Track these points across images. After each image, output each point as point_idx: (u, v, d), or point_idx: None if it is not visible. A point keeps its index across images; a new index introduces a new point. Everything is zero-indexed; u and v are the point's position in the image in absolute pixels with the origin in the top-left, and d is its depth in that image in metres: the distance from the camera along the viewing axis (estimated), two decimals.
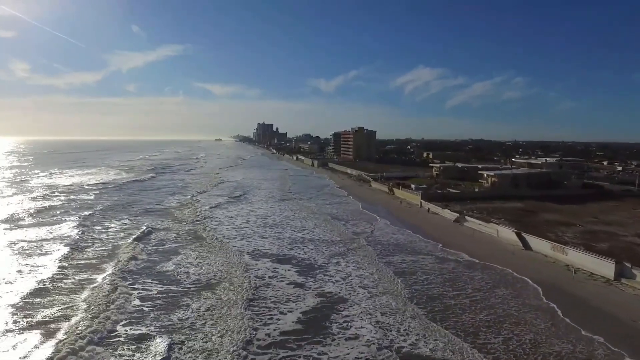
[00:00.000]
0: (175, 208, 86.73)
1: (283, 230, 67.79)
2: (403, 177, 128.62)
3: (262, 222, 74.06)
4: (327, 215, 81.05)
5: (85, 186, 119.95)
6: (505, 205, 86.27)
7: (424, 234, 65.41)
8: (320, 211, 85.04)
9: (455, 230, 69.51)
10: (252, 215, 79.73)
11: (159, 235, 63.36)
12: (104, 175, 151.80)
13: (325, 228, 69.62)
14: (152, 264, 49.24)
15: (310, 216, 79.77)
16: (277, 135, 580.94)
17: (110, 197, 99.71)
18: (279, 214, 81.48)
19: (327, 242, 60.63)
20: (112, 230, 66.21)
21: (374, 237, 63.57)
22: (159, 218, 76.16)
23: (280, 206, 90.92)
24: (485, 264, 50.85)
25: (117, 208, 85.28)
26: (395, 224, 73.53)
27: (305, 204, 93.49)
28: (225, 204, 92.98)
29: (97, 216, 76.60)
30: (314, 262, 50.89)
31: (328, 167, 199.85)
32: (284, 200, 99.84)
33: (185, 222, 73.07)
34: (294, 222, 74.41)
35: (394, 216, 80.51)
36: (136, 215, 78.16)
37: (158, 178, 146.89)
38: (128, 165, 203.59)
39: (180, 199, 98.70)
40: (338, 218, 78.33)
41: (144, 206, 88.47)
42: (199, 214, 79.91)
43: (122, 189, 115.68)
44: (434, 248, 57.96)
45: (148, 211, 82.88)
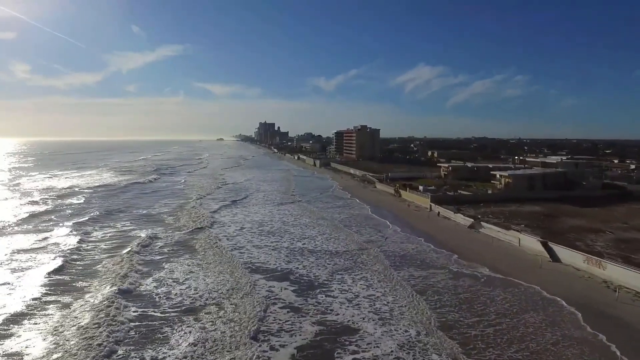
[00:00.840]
0: (173, 213, 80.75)
1: (281, 239, 61.52)
2: (409, 178, 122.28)
3: (258, 229, 67.92)
4: (330, 220, 74.85)
5: (83, 189, 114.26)
6: (522, 209, 79.91)
7: (436, 243, 59.09)
8: (323, 216, 78.82)
9: (471, 237, 63.16)
10: (248, 222, 73.52)
11: (155, 247, 57.24)
12: (103, 178, 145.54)
13: (329, 236, 63.39)
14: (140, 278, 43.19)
15: (312, 222, 73.53)
16: (278, 135, 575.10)
17: (105, 202, 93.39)
18: (278, 219, 75.29)
19: (331, 253, 54.42)
20: (107, 238, 60.23)
21: (382, 247, 57.33)
22: (158, 226, 70.02)
23: (280, 210, 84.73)
24: (507, 280, 44.48)
25: (110, 215, 78.69)
26: (404, 230, 67.27)
27: (307, 207, 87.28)
28: (226, 207, 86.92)
29: (90, 223, 70.47)
30: (315, 279, 44.66)
31: (330, 167, 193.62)
32: (284, 203, 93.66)
33: (184, 229, 67.02)
34: (294, 228, 68.20)
35: (402, 221, 74.21)
36: (133, 222, 72.13)
37: (159, 180, 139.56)
38: (128, 167, 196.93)
39: (180, 203, 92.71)
40: (342, 224, 72.10)
41: (142, 211, 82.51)
42: (199, 220, 73.86)
43: (122, 192, 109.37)
44: (447, 260, 51.59)
45: (145, 218, 76.71)
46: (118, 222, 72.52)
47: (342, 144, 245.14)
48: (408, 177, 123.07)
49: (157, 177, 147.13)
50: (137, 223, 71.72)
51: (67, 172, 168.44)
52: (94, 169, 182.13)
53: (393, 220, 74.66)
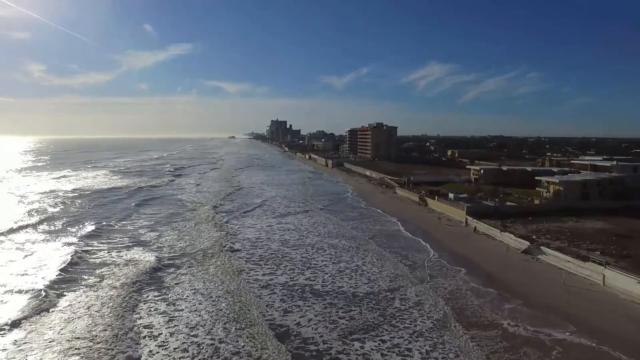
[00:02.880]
0: (186, 225, 67.15)
1: (277, 267, 47.19)
2: (434, 182, 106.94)
3: (256, 260, 53.59)
4: (347, 239, 60.20)
5: (85, 193, 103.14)
6: (583, 225, 64.27)
7: (488, 279, 44.10)
8: (336, 232, 64.25)
9: (531, 270, 47.88)
10: (239, 241, 59.31)
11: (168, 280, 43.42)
12: (110, 180, 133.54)
13: (346, 264, 48.80)
14: None
15: (321, 242, 59.01)
16: (290, 133, 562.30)
17: (104, 211, 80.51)
18: (277, 238, 60.91)
19: (346, 296, 39.78)
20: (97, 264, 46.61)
21: (418, 286, 42.52)
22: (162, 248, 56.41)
23: (283, 224, 70.35)
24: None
25: (100, 235, 65.10)
26: (441, 255, 52.36)
27: (317, 220, 72.80)
28: (233, 219, 73.06)
29: (79, 242, 57.38)
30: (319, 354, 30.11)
31: (344, 167, 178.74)
32: (289, 214, 79.34)
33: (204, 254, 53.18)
34: (295, 251, 53.76)
35: (435, 241, 59.21)
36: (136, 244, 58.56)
37: (169, 184, 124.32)
38: (138, 167, 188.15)
39: (190, 215, 79.07)
40: (362, 246, 57.38)
41: (149, 224, 69.10)
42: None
43: (124, 199, 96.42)
44: (515, 313, 36.04)
45: (145, 241, 63.21)
46: (113, 242, 58.91)
47: (357, 143, 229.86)
48: (433, 182, 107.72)
49: (169, 180, 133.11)
50: (144, 250, 58.02)
51: (77, 172, 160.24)
52: (103, 169, 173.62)
53: (425, 238, 59.79)
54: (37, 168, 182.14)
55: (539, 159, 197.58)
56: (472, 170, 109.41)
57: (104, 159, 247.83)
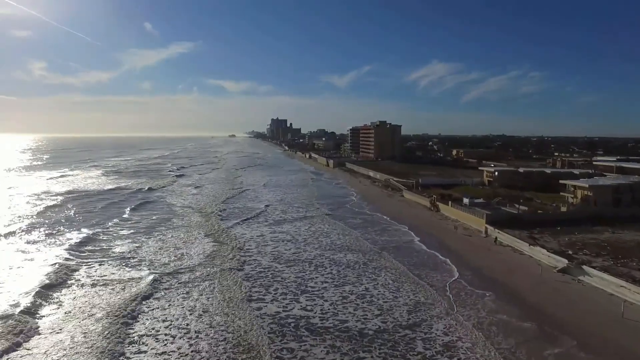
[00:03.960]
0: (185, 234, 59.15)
1: (266, 293, 39.15)
2: (445, 185, 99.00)
3: (250, 280, 45.57)
4: (355, 252, 52.13)
5: (79, 195, 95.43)
6: (622, 237, 56.12)
7: (523, 308, 36.00)
8: (341, 243, 56.18)
9: (575, 296, 39.63)
10: (228, 260, 51.26)
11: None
12: (107, 181, 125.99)
13: (350, 287, 40.71)
14: None
15: (321, 257, 50.93)
16: (290, 131, 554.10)
17: (100, 217, 72.87)
18: (270, 252, 52.85)
19: (350, 335, 31.71)
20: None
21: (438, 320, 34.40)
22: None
23: (277, 233, 62.31)
24: None
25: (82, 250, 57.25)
26: (463, 273, 44.27)
27: (318, 228, 64.72)
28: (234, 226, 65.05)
29: (64, 258, 49.46)
30: None
31: (345, 167, 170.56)
32: (286, 221, 71.32)
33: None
34: (289, 271, 45.71)
35: (455, 256, 51.05)
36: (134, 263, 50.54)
37: (168, 187, 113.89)
38: (138, 167, 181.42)
39: (183, 223, 71.08)
40: (371, 262, 49.29)
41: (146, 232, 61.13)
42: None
43: (125, 200, 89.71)
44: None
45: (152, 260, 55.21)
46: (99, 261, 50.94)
47: (359, 142, 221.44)
48: (443, 184, 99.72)
49: (168, 182, 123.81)
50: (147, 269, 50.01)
51: (74, 172, 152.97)
52: (102, 169, 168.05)
53: (442, 252, 51.65)
54: (34, 167, 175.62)
55: (548, 160, 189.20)
56: (485, 172, 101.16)
57: (103, 157, 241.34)
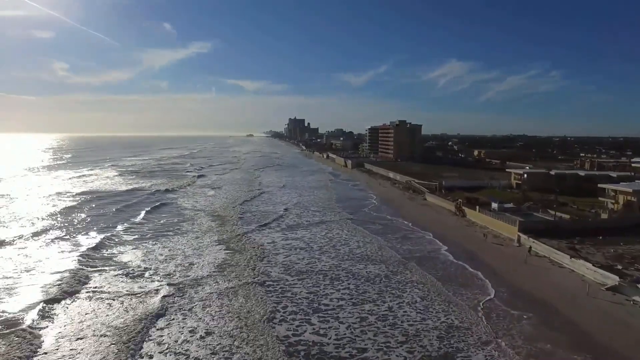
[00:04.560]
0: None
1: (270, 325, 34.94)
2: (469, 188, 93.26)
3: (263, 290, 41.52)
4: (379, 263, 47.59)
5: (91, 198, 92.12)
6: None
7: (573, 336, 30.95)
8: (359, 253, 51.68)
9: (633, 320, 34.35)
10: (247, 272, 47.29)
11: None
12: (129, 181, 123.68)
13: (369, 309, 36.23)
14: None
15: (339, 274, 46.57)
16: (308, 131, 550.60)
17: (115, 219, 70.20)
18: (281, 262, 48.69)
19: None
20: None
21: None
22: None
23: (289, 242, 58.15)
24: None
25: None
26: (502, 294, 39.27)
27: (333, 236, 60.33)
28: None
29: (74, 266, 46.58)
30: None
31: (364, 168, 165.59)
32: (300, 226, 67.17)
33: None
34: (300, 284, 41.44)
35: (487, 269, 46.01)
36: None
37: (186, 189, 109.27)
38: (159, 167, 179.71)
39: (198, 228, 67.84)
40: (398, 281, 44.68)
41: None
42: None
43: (142, 202, 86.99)
44: None
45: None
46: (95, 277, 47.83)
47: (378, 142, 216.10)
48: (468, 187, 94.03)
49: (186, 183, 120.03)
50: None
51: (93, 172, 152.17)
52: (121, 169, 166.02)
53: (472, 264, 46.65)
54: (54, 167, 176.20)
55: (576, 160, 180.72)
56: (513, 175, 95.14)
57: (122, 157, 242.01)
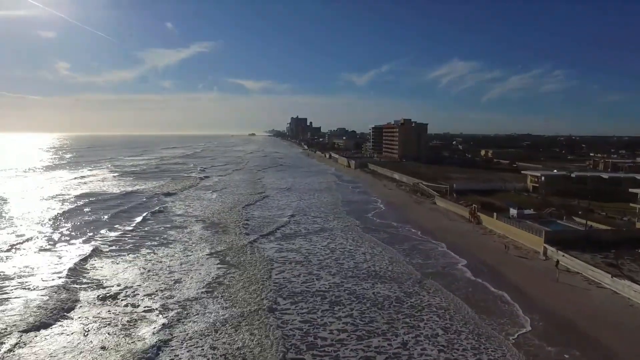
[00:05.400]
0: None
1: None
2: (482, 191, 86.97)
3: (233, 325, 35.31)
4: (378, 281, 41.36)
5: (98, 200, 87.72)
6: None
7: None
8: (368, 270, 45.44)
9: None
10: (252, 297, 41.16)
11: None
12: (129, 183, 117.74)
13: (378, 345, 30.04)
14: None
15: (345, 297, 40.36)
16: (310, 130, 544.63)
17: (108, 225, 64.03)
18: (274, 279, 42.50)
19: None
20: None
21: None
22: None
23: (284, 254, 51.99)
24: None
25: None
26: (535, 324, 32.94)
27: (338, 245, 54.11)
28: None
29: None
30: None
31: (368, 169, 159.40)
32: (298, 235, 61.00)
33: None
34: (293, 310, 35.28)
35: (513, 289, 39.65)
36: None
37: (186, 192, 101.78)
38: (161, 167, 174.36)
39: (194, 239, 61.76)
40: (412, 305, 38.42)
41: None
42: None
43: (139, 206, 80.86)
44: None
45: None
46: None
47: (382, 141, 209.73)
48: (480, 190, 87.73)
49: (188, 185, 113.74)
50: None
51: (94, 173, 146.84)
52: (122, 169, 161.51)
53: (496, 283, 40.30)
54: (53, 167, 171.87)
55: (588, 161, 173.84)
56: (530, 177, 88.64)
57: (125, 156, 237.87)
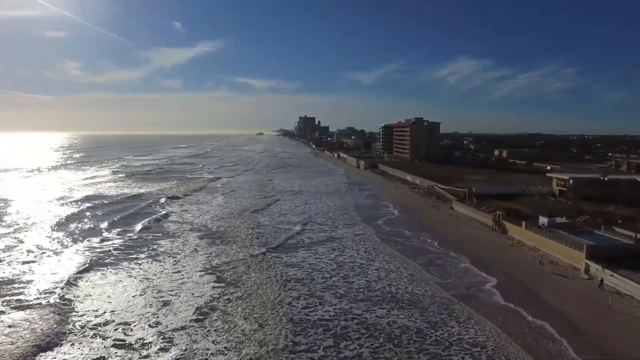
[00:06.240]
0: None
1: None
2: (502, 195, 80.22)
3: None
4: (394, 307, 35.32)
5: (102, 203, 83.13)
6: None
7: None
8: (383, 293, 39.39)
9: None
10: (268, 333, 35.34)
11: None
12: (136, 185, 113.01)
13: None
14: None
15: (353, 329, 34.38)
16: (318, 129, 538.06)
17: (106, 234, 59.07)
18: (283, 306, 36.65)
19: None
20: None
21: None
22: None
23: (285, 269, 46.10)
24: None
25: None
26: None
27: (347, 258, 48.09)
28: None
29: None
30: None
31: (378, 169, 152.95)
32: (299, 246, 55.08)
33: None
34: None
35: (559, 320, 33.30)
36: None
37: (191, 196, 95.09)
38: (171, 167, 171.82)
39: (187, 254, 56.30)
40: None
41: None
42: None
43: (142, 212, 75.94)
44: None
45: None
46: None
47: (392, 141, 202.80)
48: (502, 194, 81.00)
49: (194, 188, 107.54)
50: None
51: (100, 174, 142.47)
52: (130, 169, 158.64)
53: (538, 311, 34.02)
54: (60, 167, 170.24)
55: (609, 162, 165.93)
56: (556, 180, 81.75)
57: (133, 156, 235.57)
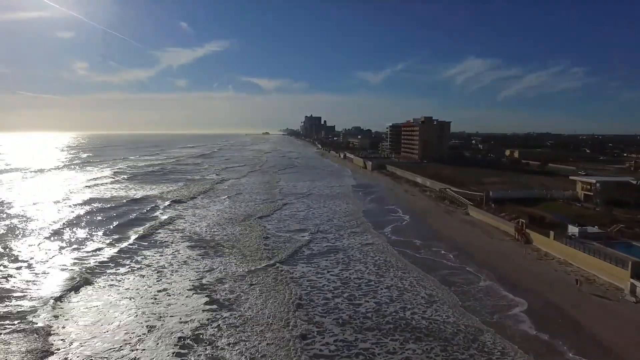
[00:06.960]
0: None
1: None
2: (522, 200, 73.76)
3: None
4: (407, 339, 29.36)
5: (102, 208, 78.18)
6: None
7: None
8: (394, 319, 33.42)
9: None
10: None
11: None
12: (139, 188, 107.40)
13: None
14: None
15: None
16: (324, 129, 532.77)
17: (99, 244, 54.11)
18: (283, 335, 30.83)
19: None
20: None
21: None
22: None
23: (290, 286, 40.26)
24: None
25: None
26: None
27: (352, 274, 42.17)
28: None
29: None
30: None
31: (387, 170, 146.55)
32: (301, 258, 49.21)
33: None
34: None
35: (604, 357, 27.29)
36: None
37: (197, 201, 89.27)
38: (176, 168, 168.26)
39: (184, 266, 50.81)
40: None
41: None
42: None
43: (141, 218, 70.54)
44: None
45: None
46: None
47: (400, 141, 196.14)
48: (520, 198, 74.50)
49: (197, 192, 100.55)
50: None
51: (104, 175, 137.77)
52: (133, 170, 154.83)
53: (566, 336, 27.89)
54: (65, 167, 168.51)
55: (628, 162, 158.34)
56: (581, 184, 75.05)
57: (139, 156, 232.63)
